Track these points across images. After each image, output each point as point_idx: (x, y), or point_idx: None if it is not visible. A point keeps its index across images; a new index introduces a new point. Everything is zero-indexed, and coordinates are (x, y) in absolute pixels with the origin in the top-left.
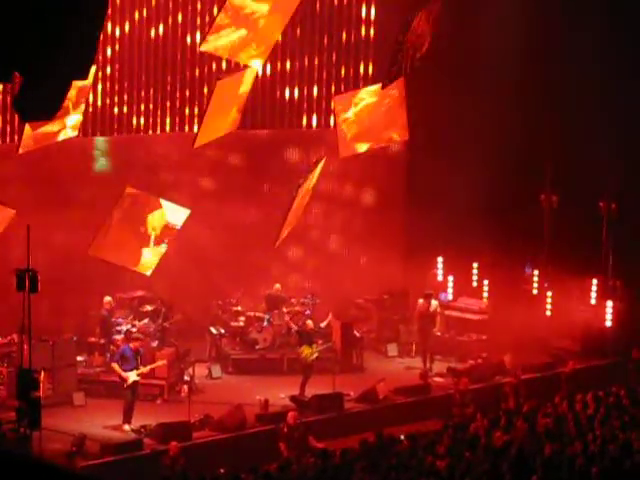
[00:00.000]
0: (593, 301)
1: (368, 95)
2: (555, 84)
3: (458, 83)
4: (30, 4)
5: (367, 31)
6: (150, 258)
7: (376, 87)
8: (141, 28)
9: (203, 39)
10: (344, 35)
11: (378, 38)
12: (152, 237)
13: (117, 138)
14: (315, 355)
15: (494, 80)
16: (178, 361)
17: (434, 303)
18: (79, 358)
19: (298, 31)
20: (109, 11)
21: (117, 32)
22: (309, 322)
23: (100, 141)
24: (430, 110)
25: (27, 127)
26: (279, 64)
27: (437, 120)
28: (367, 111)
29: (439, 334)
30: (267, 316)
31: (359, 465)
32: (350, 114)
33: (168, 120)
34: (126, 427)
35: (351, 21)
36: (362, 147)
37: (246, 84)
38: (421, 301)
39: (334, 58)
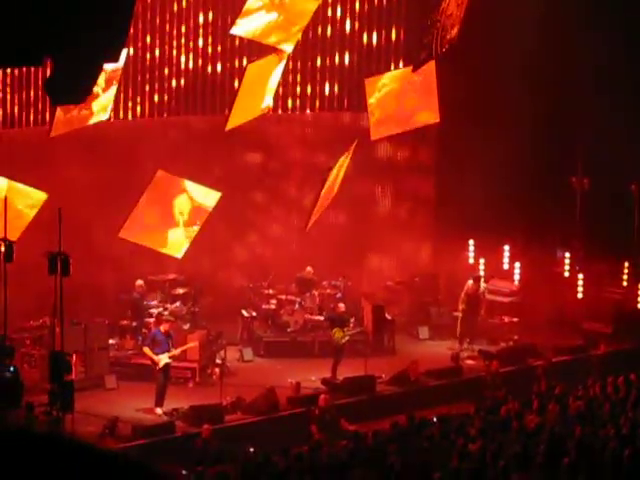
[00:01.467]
0: (625, 283)
1: (392, 80)
2: (587, 66)
3: (491, 66)
4: None
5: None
6: (178, 240)
7: (404, 70)
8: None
9: (234, 23)
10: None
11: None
12: (180, 220)
13: (151, 120)
14: (347, 338)
15: (527, 63)
16: (210, 344)
17: (483, 285)
18: (111, 341)
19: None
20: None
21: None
22: (341, 305)
23: None
24: (461, 93)
25: (59, 110)
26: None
27: (468, 103)
28: (392, 95)
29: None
30: (298, 299)
31: (392, 447)
32: (373, 99)
33: (201, 102)
34: (158, 410)
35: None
36: (393, 130)
37: (278, 67)
38: (470, 282)
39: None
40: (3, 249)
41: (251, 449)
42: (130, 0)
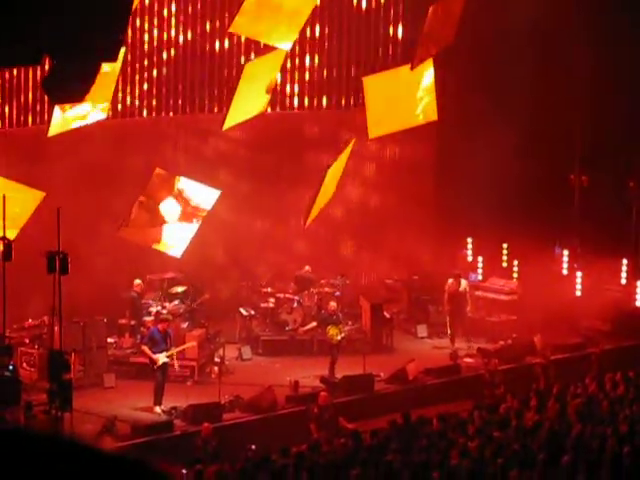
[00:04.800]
0: (623, 281)
1: (397, 78)
2: (586, 64)
3: (488, 64)
4: None
5: (395, 12)
6: (174, 237)
7: (402, 68)
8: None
9: (231, 21)
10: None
11: (407, 18)
12: (173, 218)
13: (150, 119)
14: (342, 335)
15: (524, 60)
16: (208, 342)
17: (463, 283)
18: (109, 340)
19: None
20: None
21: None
22: (332, 304)
23: None
24: (460, 91)
25: (56, 109)
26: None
27: (467, 101)
28: (397, 94)
29: (470, 314)
30: (297, 297)
31: (391, 445)
32: (380, 97)
33: (197, 101)
34: (157, 408)
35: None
36: (392, 128)
37: (276, 66)
38: (450, 281)
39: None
40: (2, 248)
41: (252, 446)
42: (128, 1)
